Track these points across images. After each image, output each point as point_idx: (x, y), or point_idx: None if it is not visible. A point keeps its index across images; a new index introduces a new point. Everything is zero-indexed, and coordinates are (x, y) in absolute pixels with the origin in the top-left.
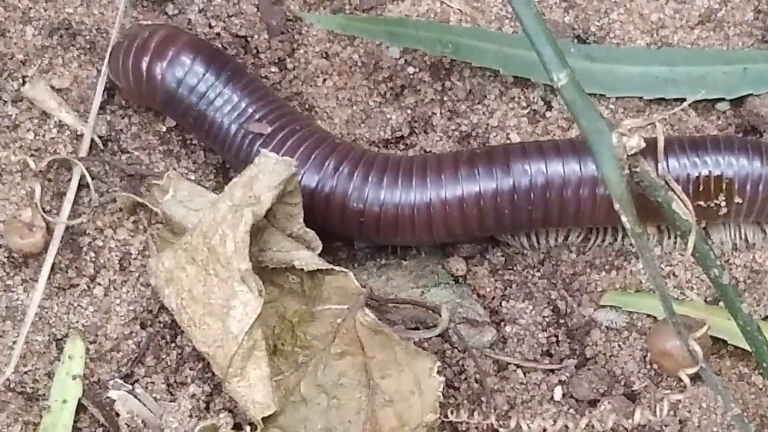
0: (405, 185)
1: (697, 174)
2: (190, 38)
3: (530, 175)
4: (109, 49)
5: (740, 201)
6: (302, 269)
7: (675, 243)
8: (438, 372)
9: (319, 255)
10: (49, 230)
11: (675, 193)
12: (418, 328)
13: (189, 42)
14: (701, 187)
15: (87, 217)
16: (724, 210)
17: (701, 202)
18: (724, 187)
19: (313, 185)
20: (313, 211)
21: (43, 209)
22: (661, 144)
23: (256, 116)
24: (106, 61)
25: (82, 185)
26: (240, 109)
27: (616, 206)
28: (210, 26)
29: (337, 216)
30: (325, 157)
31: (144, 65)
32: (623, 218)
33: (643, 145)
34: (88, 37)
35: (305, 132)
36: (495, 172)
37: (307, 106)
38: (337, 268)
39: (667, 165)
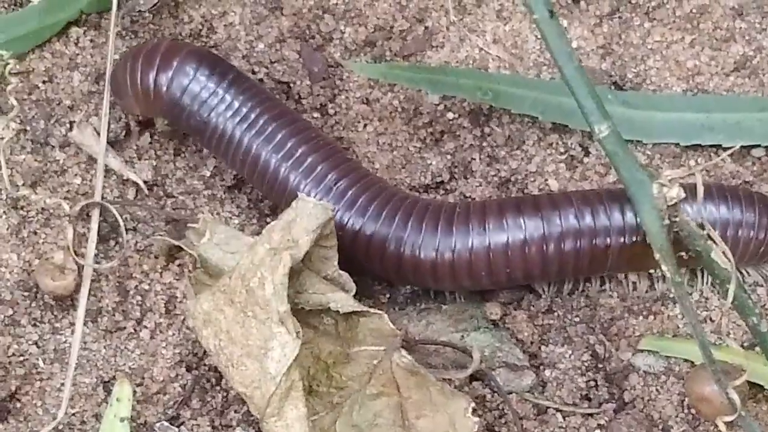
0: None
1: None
2: (192, 48)
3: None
4: (109, 70)
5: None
6: (338, 311)
7: (705, 282)
8: (473, 412)
9: (358, 298)
10: (81, 273)
11: (714, 242)
12: None
13: (192, 51)
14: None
15: (117, 261)
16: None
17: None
18: None
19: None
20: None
21: (76, 253)
22: (700, 194)
23: (260, 122)
24: (107, 81)
25: (128, 229)
26: (241, 114)
27: (657, 256)
28: (253, 72)
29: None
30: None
31: (151, 76)
32: (663, 267)
33: (683, 195)
34: None
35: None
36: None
37: (349, 151)
38: (371, 310)
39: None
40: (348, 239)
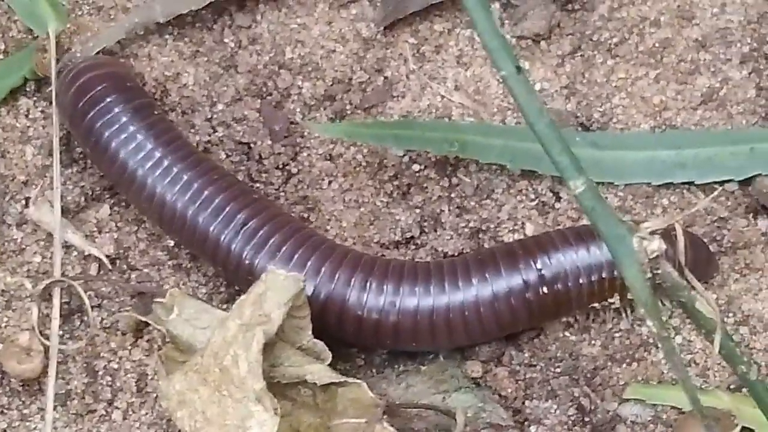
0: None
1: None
2: (111, 71)
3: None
4: (56, 141)
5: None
6: (315, 383)
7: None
8: None
9: (335, 363)
10: (48, 355)
11: (698, 292)
12: None
13: (107, 74)
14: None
15: (85, 341)
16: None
17: None
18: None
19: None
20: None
21: (41, 333)
22: (681, 243)
23: (156, 155)
24: (54, 153)
25: (92, 306)
26: (145, 150)
27: (641, 311)
28: (215, 131)
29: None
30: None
31: (66, 91)
32: (649, 323)
33: (664, 247)
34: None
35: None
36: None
37: (315, 210)
38: (350, 379)
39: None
40: None
